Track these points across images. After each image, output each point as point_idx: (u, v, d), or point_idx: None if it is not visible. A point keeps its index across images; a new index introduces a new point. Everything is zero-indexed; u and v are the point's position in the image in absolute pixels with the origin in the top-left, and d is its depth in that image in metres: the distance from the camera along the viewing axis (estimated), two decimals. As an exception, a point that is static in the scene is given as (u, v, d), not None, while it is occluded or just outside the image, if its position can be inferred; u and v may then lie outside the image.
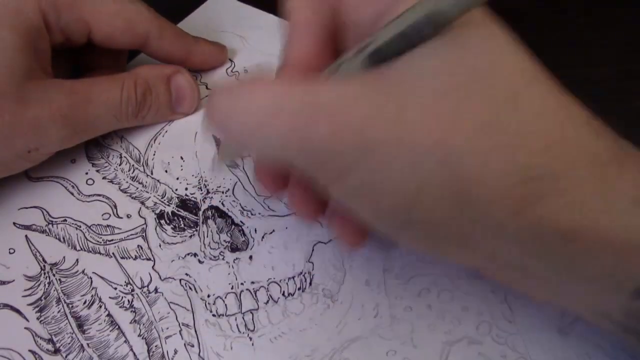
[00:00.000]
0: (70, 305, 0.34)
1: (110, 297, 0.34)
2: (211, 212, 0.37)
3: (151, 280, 0.35)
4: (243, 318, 0.33)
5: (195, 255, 0.36)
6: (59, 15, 0.36)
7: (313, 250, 0.35)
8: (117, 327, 0.33)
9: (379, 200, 0.24)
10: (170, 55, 0.42)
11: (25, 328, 0.33)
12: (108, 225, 0.37)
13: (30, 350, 0.33)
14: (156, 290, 0.34)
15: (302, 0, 0.29)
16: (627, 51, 0.42)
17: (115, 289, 0.35)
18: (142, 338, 0.33)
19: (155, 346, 0.33)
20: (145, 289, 0.35)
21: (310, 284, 0.34)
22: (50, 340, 0.33)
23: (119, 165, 0.39)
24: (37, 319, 0.34)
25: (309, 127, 0.23)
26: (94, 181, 0.39)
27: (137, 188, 0.38)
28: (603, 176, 0.23)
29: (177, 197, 0.38)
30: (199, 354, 0.32)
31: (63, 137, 0.36)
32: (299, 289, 0.34)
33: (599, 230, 0.22)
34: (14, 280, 0.35)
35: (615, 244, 0.22)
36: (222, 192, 0.38)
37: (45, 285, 0.35)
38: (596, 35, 0.43)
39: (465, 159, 0.22)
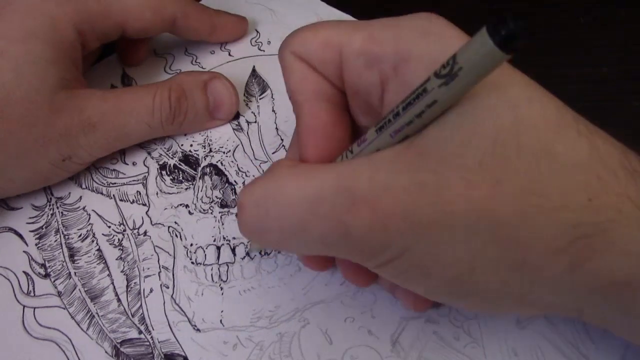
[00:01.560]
0: (66, 237, 0.37)
1: (103, 234, 0.37)
2: (209, 169, 0.39)
3: (143, 223, 0.37)
4: (218, 269, 0.35)
5: (187, 206, 0.38)
6: (94, 26, 0.37)
7: (297, 216, 0.37)
8: (104, 261, 0.36)
9: (431, 278, 0.24)
10: (196, 31, 0.43)
11: (24, 251, 0.36)
12: (114, 170, 0.39)
13: (24, 272, 0.36)
14: (145, 233, 0.37)
15: (303, 72, 0.28)
16: (627, 51, 0.42)
17: (109, 227, 0.37)
18: (124, 274, 0.35)
19: (134, 283, 0.35)
20: (135, 231, 0.37)
21: (287, 246, 0.36)
22: (43, 265, 0.36)
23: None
24: (36, 244, 0.37)
25: (349, 218, 0.23)
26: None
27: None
28: None
29: (181, 152, 0.40)
30: (171, 295, 0.35)
31: (93, 145, 0.36)
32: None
33: None
34: (22, 208, 0.38)
35: None
36: (223, 152, 0.40)
37: (48, 215, 0.38)
38: (596, 35, 0.42)
39: (514, 227, 0.22)
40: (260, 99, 0.42)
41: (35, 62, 0.34)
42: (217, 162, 0.39)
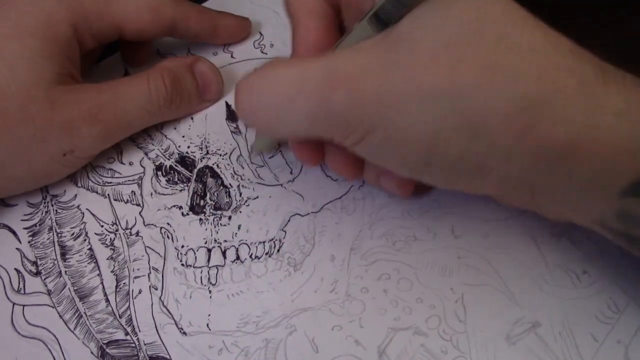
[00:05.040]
0: (59, 235, 0.37)
1: (95, 233, 0.37)
2: (205, 171, 0.39)
3: (135, 223, 0.37)
4: (208, 272, 0.35)
5: (180, 207, 0.38)
6: (90, 25, 0.37)
7: (289, 220, 0.37)
8: (94, 260, 0.36)
9: (402, 149, 0.27)
10: (198, 34, 0.43)
11: (17, 248, 0.37)
12: (110, 169, 0.39)
13: (15, 269, 0.36)
14: (137, 233, 0.37)
15: None
16: (627, 52, 0.41)
17: (102, 226, 0.37)
18: (114, 274, 0.35)
19: (124, 283, 0.35)
20: (128, 231, 0.37)
21: (278, 251, 0.36)
22: (34, 263, 0.36)
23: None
24: (29, 242, 0.37)
25: (331, 95, 0.26)
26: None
27: (145, 139, 0.41)
28: (590, 94, 0.25)
29: (178, 153, 0.40)
30: (160, 297, 0.34)
31: (95, 136, 0.36)
32: (266, 253, 0.36)
33: (590, 142, 0.25)
34: (17, 204, 0.38)
35: (603, 151, 0.25)
36: (220, 155, 0.40)
37: (42, 213, 0.38)
38: (596, 36, 0.41)
39: (473, 97, 0.25)
40: (260, 101, 0.42)
41: (30, 57, 0.34)
42: (213, 164, 0.39)
